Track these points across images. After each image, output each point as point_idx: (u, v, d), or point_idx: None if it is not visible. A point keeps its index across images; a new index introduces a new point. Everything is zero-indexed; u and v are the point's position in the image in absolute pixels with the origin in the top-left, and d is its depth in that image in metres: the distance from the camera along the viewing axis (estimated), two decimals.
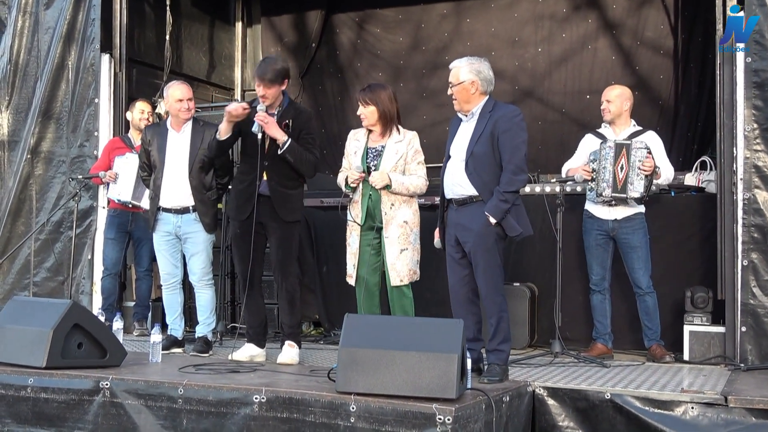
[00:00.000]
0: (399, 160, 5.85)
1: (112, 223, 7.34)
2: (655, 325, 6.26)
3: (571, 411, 4.95)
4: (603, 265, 6.32)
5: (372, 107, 5.86)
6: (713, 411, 4.65)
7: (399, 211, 5.81)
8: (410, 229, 5.83)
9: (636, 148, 6.11)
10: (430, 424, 4.14)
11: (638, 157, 6.08)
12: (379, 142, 5.92)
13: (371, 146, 5.94)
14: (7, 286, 8.14)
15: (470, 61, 5.27)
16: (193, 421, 4.69)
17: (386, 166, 5.84)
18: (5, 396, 5.10)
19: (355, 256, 5.91)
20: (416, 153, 5.89)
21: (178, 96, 6.25)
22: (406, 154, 5.87)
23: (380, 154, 5.89)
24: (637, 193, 6.09)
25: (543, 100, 8.78)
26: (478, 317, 5.31)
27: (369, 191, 5.85)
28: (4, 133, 8.30)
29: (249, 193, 5.80)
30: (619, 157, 6.12)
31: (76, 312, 5.29)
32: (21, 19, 8.22)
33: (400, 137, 5.90)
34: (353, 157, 5.98)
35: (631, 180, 6.09)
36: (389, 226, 5.80)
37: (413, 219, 5.86)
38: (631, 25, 8.43)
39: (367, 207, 5.86)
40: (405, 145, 5.88)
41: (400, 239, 5.79)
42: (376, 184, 5.79)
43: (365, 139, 5.98)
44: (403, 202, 5.83)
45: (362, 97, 5.91)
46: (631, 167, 6.08)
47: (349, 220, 5.95)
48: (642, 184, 6.09)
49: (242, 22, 10.15)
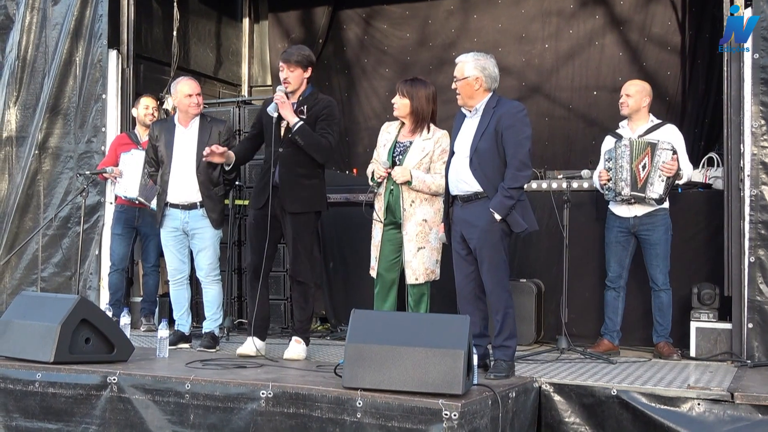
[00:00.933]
0: (424, 158, 5.83)
1: (119, 218, 7.36)
2: (667, 322, 6.24)
3: (578, 407, 4.95)
4: (621, 263, 6.29)
5: (406, 100, 5.86)
6: (719, 407, 4.64)
7: (419, 208, 5.80)
8: (429, 228, 5.81)
9: (662, 148, 6.04)
10: (436, 419, 4.14)
11: (663, 158, 6.03)
12: (409, 138, 5.91)
13: (400, 141, 5.93)
14: (15, 282, 8.17)
15: (476, 57, 5.27)
16: (200, 416, 4.71)
17: (410, 162, 5.82)
18: (13, 391, 5.12)
19: (377, 249, 5.91)
20: (443, 152, 5.82)
21: (188, 91, 6.26)
22: (433, 152, 5.85)
23: (407, 149, 5.87)
24: (656, 195, 6.05)
25: (550, 96, 8.78)
26: (484, 313, 5.31)
27: (391, 186, 5.85)
28: (12, 129, 8.33)
29: (265, 182, 5.82)
30: (642, 155, 6.07)
31: (83, 307, 5.31)
32: (29, 15, 8.24)
33: (429, 135, 5.88)
34: (382, 149, 5.97)
35: (652, 180, 6.03)
36: (408, 223, 5.79)
37: (434, 218, 5.82)
38: (638, 21, 8.41)
39: (388, 202, 5.86)
40: (432, 144, 5.86)
41: (418, 237, 5.78)
42: (397, 179, 5.78)
43: (396, 132, 5.97)
44: (424, 200, 5.81)
45: (401, 88, 5.89)
46: (653, 167, 6.04)
47: (373, 216, 5.93)
48: (662, 186, 6.04)
49: (249, 18, 10.16)
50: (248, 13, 10.16)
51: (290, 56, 5.78)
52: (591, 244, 6.75)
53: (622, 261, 6.30)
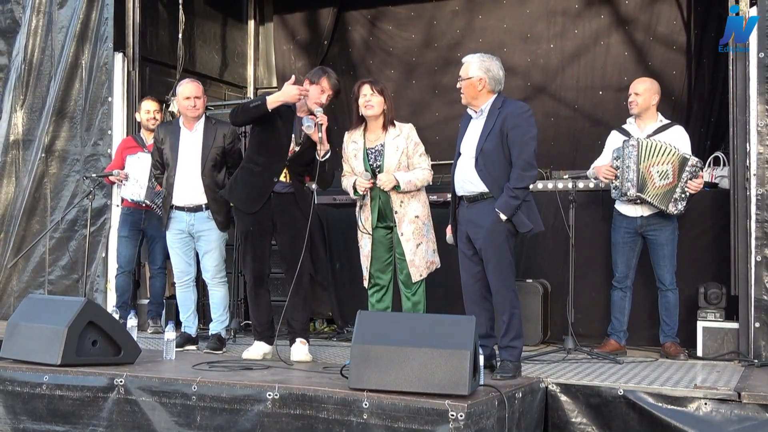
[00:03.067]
0: (401, 156, 5.84)
1: (126, 221, 7.37)
2: (674, 322, 6.23)
3: (584, 407, 4.94)
4: (627, 263, 6.28)
5: (381, 98, 5.85)
6: (727, 407, 4.63)
7: (409, 207, 5.82)
8: (422, 222, 5.83)
9: (694, 165, 5.99)
10: (442, 420, 4.14)
11: (690, 174, 5.99)
12: (377, 142, 5.89)
13: (370, 147, 5.90)
14: (22, 284, 8.20)
15: (482, 58, 5.28)
16: (207, 417, 4.72)
17: (390, 165, 5.82)
18: (21, 393, 5.13)
19: (368, 259, 5.91)
20: (416, 146, 5.87)
21: (186, 94, 6.27)
22: (407, 148, 5.86)
23: (381, 153, 5.86)
24: (677, 211, 6.03)
25: (555, 96, 8.77)
26: (490, 314, 5.32)
27: (378, 193, 5.85)
28: (19, 132, 8.35)
29: (263, 189, 5.78)
30: (658, 158, 5.98)
31: (90, 310, 5.32)
32: (35, 19, 8.26)
33: (397, 131, 5.88)
34: (354, 160, 5.93)
35: (677, 196, 6.00)
36: (402, 224, 5.81)
37: (423, 211, 5.86)
38: (643, 21, 8.40)
39: (378, 209, 5.86)
40: (404, 140, 5.87)
41: (415, 234, 5.80)
42: (384, 187, 5.78)
43: (362, 140, 5.93)
44: (411, 198, 5.83)
45: (372, 85, 5.86)
46: (680, 181, 5.99)
47: (360, 228, 5.93)
48: (683, 204, 6.03)
49: (255, 20, 10.17)
50: (253, 15, 10.17)
51: (338, 86, 5.80)
52: (597, 244, 6.75)
53: (628, 261, 6.29)
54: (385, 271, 5.93)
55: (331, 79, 5.76)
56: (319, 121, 5.62)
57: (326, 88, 5.73)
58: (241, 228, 5.93)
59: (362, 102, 5.86)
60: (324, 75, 5.76)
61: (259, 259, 5.86)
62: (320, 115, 5.65)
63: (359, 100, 5.88)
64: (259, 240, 5.86)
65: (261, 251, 5.85)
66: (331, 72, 5.86)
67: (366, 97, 5.84)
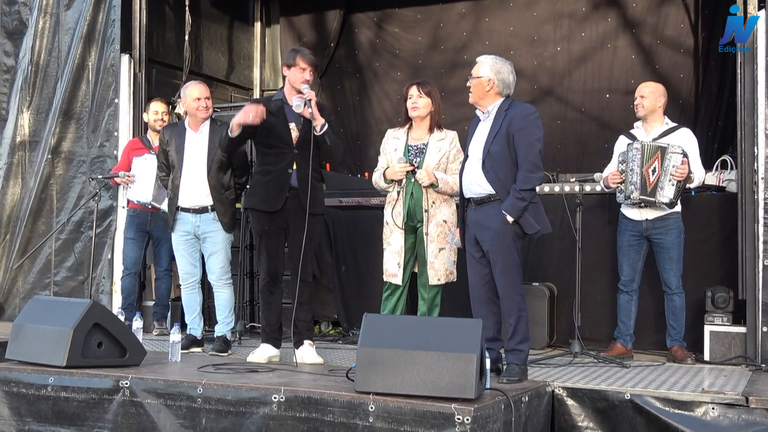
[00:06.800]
0: (442, 158, 5.80)
1: (132, 222, 7.37)
2: (680, 325, 6.21)
3: (591, 411, 4.93)
4: (633, 267, 6.27)
5: (428, 100, 5.82)
6: (734, 412, 4.61)
7: (439, 209, 5.76)
8: (449, 228, 5.78)
9: (672, 152, 6.01)
10: (449, 424, 4.13)
11: (673, 162, 5.99)
12: (420, 140, 5.87)
13: (411, 144, 5.88)
14: (28, 286, 8.21)
15: (495, 60, 5.29)
16: (212, 420, 4.71)
17: (430, 164, 5.78)
18: (26, 395, 5.13)
19: (400, 255, 5.80)
20: (458, 153, 5.81)
21: (196, 95, 6.28)
22: (449, 153, 5.82)
23: (422, 151, 5.83)
24: (666, 199, 6.02)
25: (562, 99, 8.76)
26: (498, 317, 5.30)
27: (411, 189, 5.81)
28: (25, 134, 8.37)
29: (280, 184, 5.76)
30: (652, 159, 6.03)
31: (96, 311, 5.31)
32: (42, 20, 8.28)
33: (442, 135, 5.86)
34: (393, 154, 5.88)
35: (662, 185, 6.00)
36: (429, 224, 5.73)
37: (452, 219, 5.79)
38: (650, 24, 8.40)
39: (409, 206, 5.80)
40: (448, 144, 5.84)
41: (440, 238, 5.75)
42: (422, 182, 5.71)
43: (405, 137, 5.91)
44: (443, 201, 5.79)
45: (420, 88, 5.83)
46: (663, 171, 6.01)
47: (389, 222, 5.85)
48: (672, 190, 6.01)
49: (261, 22, 10.18)
50: (260, 17, 10.18)
51: (316, 63, 5.87)
52: (603, 248, 6.72)
53: (634, 265, 6.27)
54: (404, 273, 5.89)
55: (305, 56, 5.84)
56: (306, 97, 5.68)
57: (303, 65, 5.80)
58: (257, 228, 5.93)
59: (409, 104, 5.86)
60: (297, 54, 5.85)
61: (274, 258, 5.86)
62: (307, 91, 5.70)
63: (407, 102, 5.88)
64: (275, 240, 5.85)
65: (275, 251, 5.85)
66: (302, 49, 6.01)
67: (413, 98, 5.84)
